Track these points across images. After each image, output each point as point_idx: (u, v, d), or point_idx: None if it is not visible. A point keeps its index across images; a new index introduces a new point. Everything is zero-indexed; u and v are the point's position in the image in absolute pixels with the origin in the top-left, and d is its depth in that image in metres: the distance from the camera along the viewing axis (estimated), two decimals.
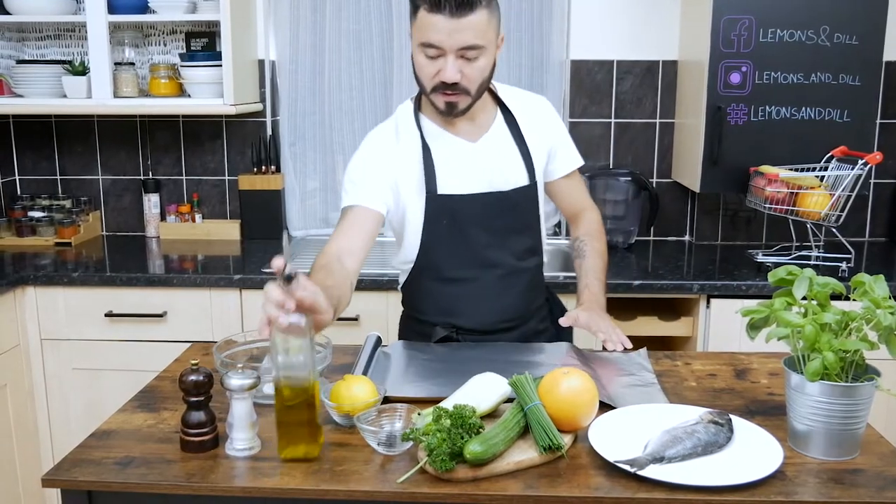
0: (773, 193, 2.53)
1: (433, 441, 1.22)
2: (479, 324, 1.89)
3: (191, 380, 1.34)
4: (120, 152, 3.23)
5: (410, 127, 1.85)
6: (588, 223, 2.03)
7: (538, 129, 1.91)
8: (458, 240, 1.85)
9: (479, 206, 1.84)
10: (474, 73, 1.71)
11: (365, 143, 1.89)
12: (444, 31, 1.65)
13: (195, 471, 1.29)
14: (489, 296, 1.88)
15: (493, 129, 1.87)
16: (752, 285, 2.47)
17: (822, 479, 1.23)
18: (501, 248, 1.87)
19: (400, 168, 1.83)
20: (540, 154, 1.91)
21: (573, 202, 2.04)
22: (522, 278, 1.91)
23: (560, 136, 1.96)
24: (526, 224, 1.90)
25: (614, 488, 1.21)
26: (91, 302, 2.65)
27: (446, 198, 1.83)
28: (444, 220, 1.84)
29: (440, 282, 1.89)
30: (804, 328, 1.25)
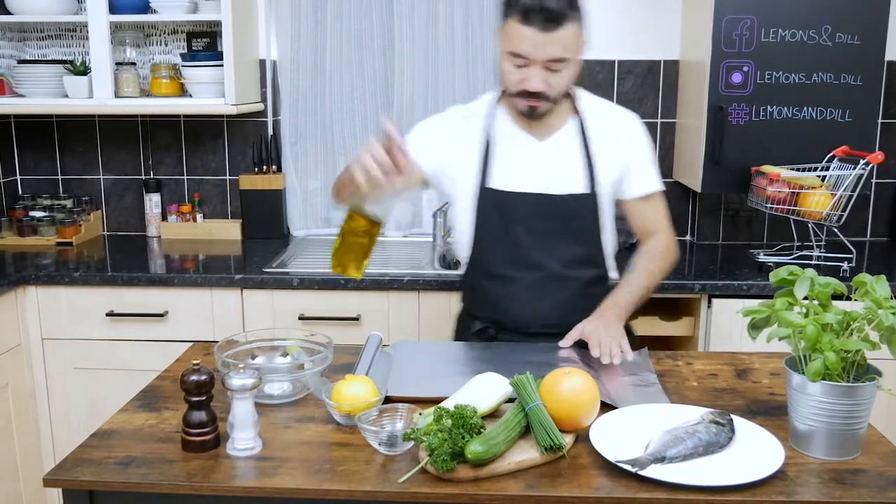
0: (774, 193, 2.53)
1: (434, 441, 1.22)
2: (518, 323, 1.91)
3: (192, 379, 1.34)
4: (121, 152, 3.23)
5: (480, 115, 1.91)
6: (653, 243, 1.98)
7: (614, 143, 1.89)
8: (504, 237, 1.89)
9: (527, 206, 1.86)
10: (559, 82, 1.76)
11: (437, 115, 1.99)
12: (534, 43, 1.69)
13: (196, 470, 1.29)
14: (530, 297, 1.89)
15: (562, 131, 1.89)
16: (753, 285, 2.47)
17: (824, 479, 1.23)
18: (545, 252, 1.88)
19: (458, 150, 1.90)
20: (609, 168, 1.89)
21: (644, 224, 2.00)
22: (569, 286, 1.89)
23: (639, 157, 1.93)
24: (578, 232, 1.88)
25: (616, 488, 1.21)
26: (92, 302, 2.65)
27: (495, 193, 1.87)
28: (492, 215, 1.88)
29: (486, 277, 1.93)
30: (805, 328, 1.25)
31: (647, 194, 1.95)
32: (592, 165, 1.87)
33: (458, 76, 3.03)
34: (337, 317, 2.60)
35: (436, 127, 1.96)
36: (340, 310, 2.60)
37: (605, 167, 1.88)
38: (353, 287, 2.57)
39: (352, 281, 2.57)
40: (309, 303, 2.61)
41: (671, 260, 2.00)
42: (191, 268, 2.78)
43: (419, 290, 2.57)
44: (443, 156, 1.91)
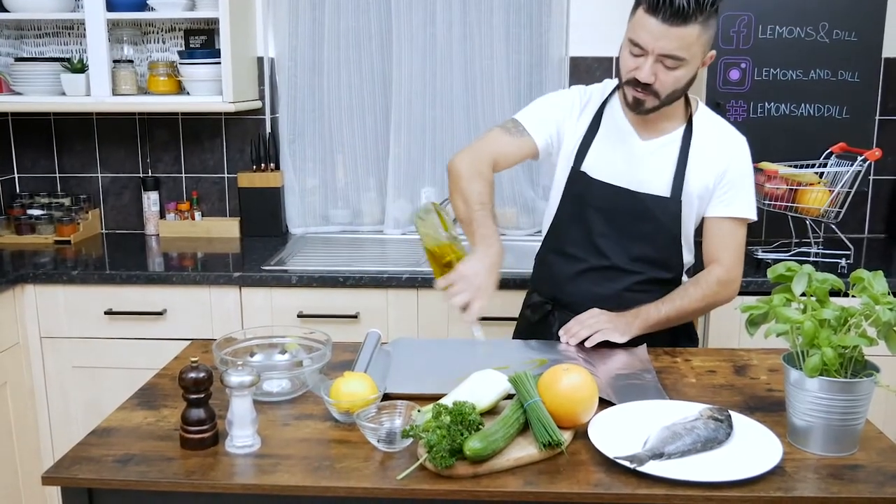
0: (772, 190, 2.53)
1: (433, 438, 1.23)
2: (574, 303, 1.92)
3: (190, 377, 1.34)
4: (119, 150, 3.23)
5: (597, 101, 1.94)
6: (708, 272, 1.91)
7: (712, 159, 1.87)
8: (580, 219, 1.92)
9: (607, 196, 1.88)
10: (669, 80, 1.75)
11: (561, 91, 2.05)
12: (653, 34, 1.70)
13: (195, 468, 1.29)
14: (590, 280, 1.92)
15: (667, 136, 1.89)
16: (751, 282, 2.47)
17: (822, 475, 1.24)
18: (615, 244, 1.90)
19: (571, 130, 1.93)
20: (700, 179, 1.87)
21: (710, 248, 1.92)
22: (629, 278, 1.91)
23: (733, 178, 1.88)
24: (652, 235, 1.89)
25: (614, 484, 1.21)
26: (91, 300, 2.65)
27: (583, 176, 1.90)
28: (574, 197, 1.92)
29: (555, 252, 1.98)
30: (803, 324, 1.25)
31: (727, 217, 1.89)
32: (684, 172, 1.86)
33: (456, 74, 3.02)
34: (336, 314, 2.60)
35: (556, 102, 1.98)
36: (339, 307, 2.60)
37: (695, 177, 1.86)
38: (351, 285, 2.57)
39: (350, 278, 2.57)
40: (307, 300, 2.61)
41: (721, 295, 1.91)
42: (189, 266, 2.78)
43: (418, 287, 2.57)
44: (556, 130, 1.94)
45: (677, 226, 1.88)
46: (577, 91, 2.00)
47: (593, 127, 1.92)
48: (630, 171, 1.88)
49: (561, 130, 1.94)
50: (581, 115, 1.94)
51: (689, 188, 1.87)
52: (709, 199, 1.90)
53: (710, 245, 1.92)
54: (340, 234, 3.20)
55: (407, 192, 3.13)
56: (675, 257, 1.93)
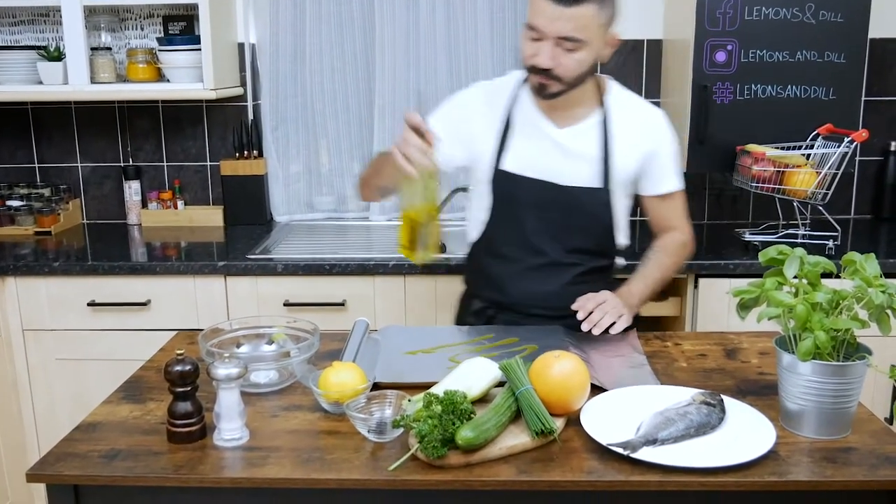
0: (759, 172, 2.52)
1: (424, 428, 1.21)
2: (516, 303, 1.91)
3: (176, 370, 1.32)
4: (99, 139, 3.18)
5: (505, 94, 1.90)
6: (668, 239, 2.00)
7: (636, 139, 1.87)
8: (511, 219, 1.89)
9: (536, 193, 1.86)
10: (570, 63, 1.73)
11: (462, 91, 1.99)
12: (547, 16, 1.68)
13: (183, 462, 1.27)
14: (530, 279, 1.89)
15: (584, 123, 1.86)
16: (739, 264, 2.47)
17: (815, 459, 1.23)
18: (551, 239, 1.88)
19: (479, 128, 1.90)
20: (627, 163, 1.87)
21: (661, 221, 2.01)
22: (568, 272, 1.89)
23: (661, 155, 1.91)
24: (586, 226, 1.88)
25: (608, 472, 1.21)
26: (73, 291, 2.61)
27: (507, 175, 1.87)
28: (502, 197, 1.89)
29: (490, 256, 1.94)
30: (795, 308, 1.24)
31: (667, 193, 1.95)
32: (609, 160, 1.85)
33: (440, 58, 2.99)
34: (322, 302, 2.58)
35: (460, 105, 1.95)
36: (326, 295, 2.58)
37: (622, 163, 1.86)
38: (338, 272, 2.55)
39: (336, 266, 2.55)
40: (294, 289, 2.58)
41: (685, 256, 2.03)
42: (173, 255, 2.74)
43: (405, 274, 2.55)
44: (467, 133, 1.91)
45: (609, 214, 1.89)
46: (479, 88, 1.96)
47: (506, 122, 1.88)
48: (553, 163, 1.85)
49: (463, 133, 1.90)
50: (489, 111, 1.90)
51: (616, 175, 1.86)
52: (641, 180, 1.91)
53: (660, 219, 2.00)
54: (325, 222, 3.18)
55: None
56: (609, 244, 1.94)
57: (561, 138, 1.85)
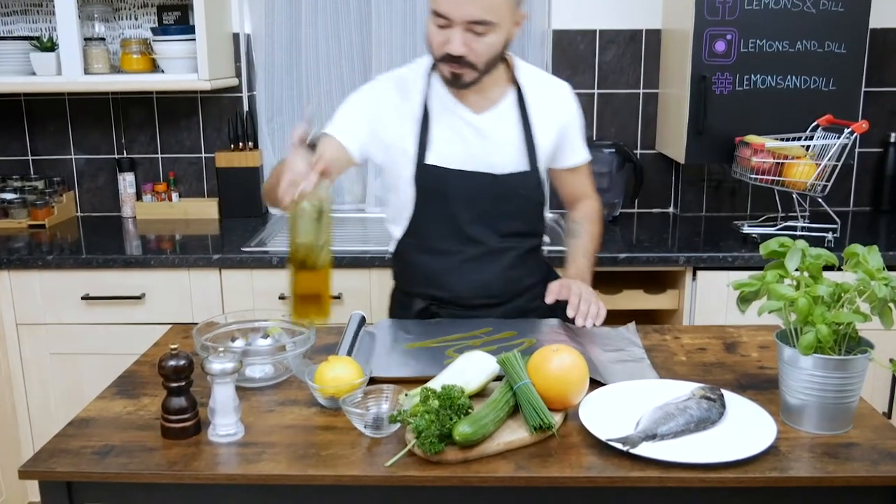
0: (758, 163, 2.51)
1: (421, 423, 1.19)
2: (459, 297, 1.87)
3: (170, 365, 1.30)
4: (93, 131, 3.15)
5: (418, 85, 1.83)
6: (586, 208, 2.02)
7: (550, 115, 1.86)
8: (442, 213, 1.83)
9: (468, 184, 1.81)
10: (481, 48, 1.67)
11: (369, 84, 1.89)
12: (453, 1, 1.62)
13: (177, 458, 1.25)
14: (469, 270, 1.85)
15: (501, 105, 1.83)
16: (738, 257, 2.45)
17: (817, 454, 1.22)
18: (485, 227, 1.84)
19: (393, 122, 1.82)
20: (547, 141, 1.86)
21: (574, 192, 2.03)
22: (506, 256, 1.87)
23: (572, 128, 1.91)
24: (519, 210, 1.86)
25: (607, 467, 1.19)
26: (67, 285, 2.59)
27: (433, 169, 1.81)
28: (429, 191, 1.82)
29: (423, 252, 1.88)
30: (797, 301, 1.22)
31: (579, 164, 1.97)
32: (533, 141, 1.83)
33: None
34: None
35: (367, 100, 1.85)
36: None
37: (543, 141, 1.86)
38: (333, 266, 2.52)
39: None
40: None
41: (602, 224, 2.05)
42: (168, 248, 2.72)
43: None
44: (376, 130, 1.81)
45: (540, 195, 1.88)
46: (388, 80, 1.87)
47: (423, 114, 1.81)
48: (478, 151, 1.82)
49: (376, 129, 1.82)
50: (403, 104, 1.82)
51: (540, 153, 1.85)
52: (556, 154, 1.91)
53: (574, 190, 2.02)
54: None
55: None
56: (540, 224, 1.94)
57: (481, 124, 1.81)
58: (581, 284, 1.83)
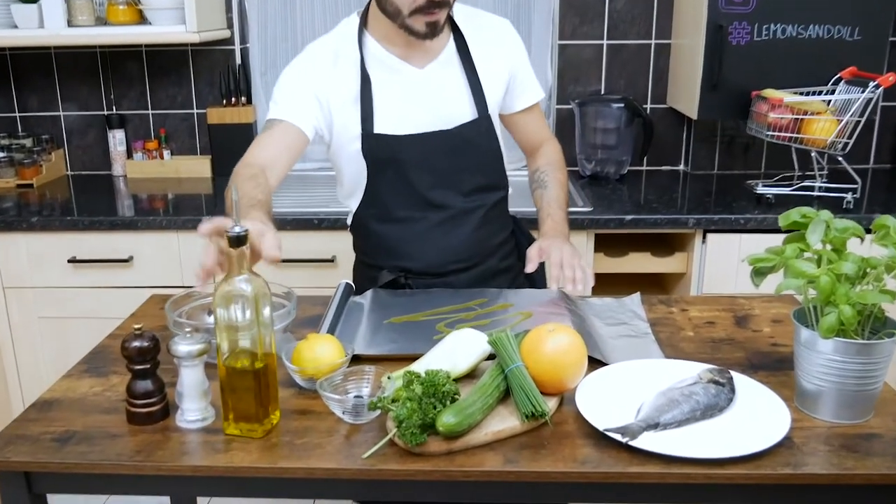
0: (776, 120, 2.36)
1: (402, 412, 1.10)
2: (428, 265, 1.76)
3: (134, 346, 1.21)
4: (81, 86, 3.03)
5: (351, 50, 1.68)
6: (549, 154, 1.90)
7: (495, 57, 1.74)
8: (400, 180, 1.71)
9: (421, 148, 1.69)
10: None
11: (300, 57, 1.72)
12: None
13: (141, 447, 1.16)
14: (436, 236, 1.74)
15: (443, 55, 1.70)
16: (751, 219, 2.33)
17: (834, 447, 1.11)
18: (447, 189, 1.72)
19: (334, 94, 1.67)
20: (495, 84, 1.75)
21: (531, 136, 1.90)
22: (473, 216, 1.75)
23: (520, 66, 1.79)
24: (477, 162, 1.74)
25: (603, 460, 1.09)
26: (53, 248, 2.50)
27: (384, 138, 1.67)
28: (382, 161, 1.69)
29: (385, 222, 1.76)
30: (819, 279, 1.11)
31: (532, 104, 1.85)
32: (479, 87, 1.71)
33: None
34: (311, 259, 2.46)
35: (307, 75, 1.69)
36: (314, 251, 2.46)
37: (491, 86, 1.73)
38: (326, 227, 2.43)
39: (325, 220, 2.42)
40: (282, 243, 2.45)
41: (565, 168, 1.91)
42: (155, 210, 2.62)
43: None
44: (320, 105, 1.67)
45: (495, 142, 1.77)
46: (318, 50, 1.71)
47: (363, 80, 1.66)
48: (426, 110, 1.68)
49: (321, 103, 1.67)
50: (339, 73, 1.67)
51: (489, 99, 1.73)
52: (508, 97, 1.80)
53: (531, 134, 1.90)
54: (317, 172, 3.04)
55: None
56: (501, 174, 1.81)
57: (425, 79, 1.68)
58: (561, 244, 1.69)
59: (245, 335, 1.15)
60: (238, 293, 1.13)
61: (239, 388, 1.16)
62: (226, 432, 1.19)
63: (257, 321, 1.14)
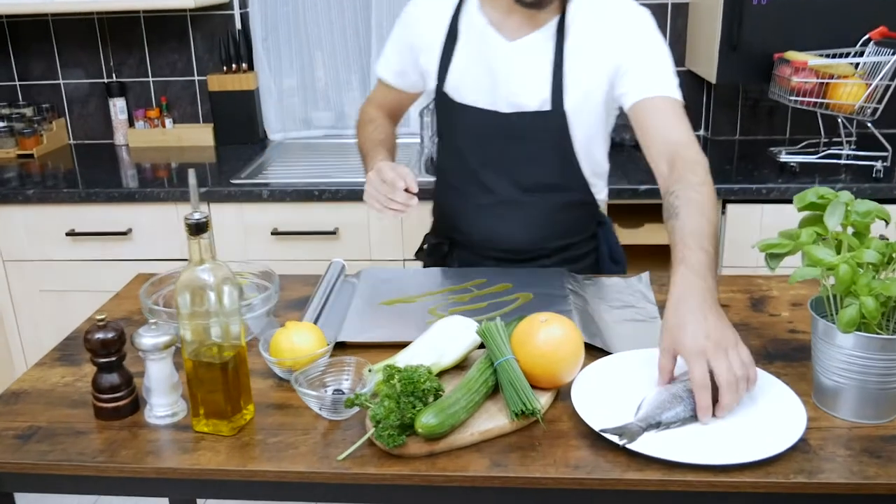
0: (800, 84, 2.22)
1: (379, 411, 1.01)
2: (471, 243, 1.68)
3: (97, 339, 1.13)
4: (80, 54, 2.94)
5: (449, 4, 1.62)
6: (681, 169, 1.36)
7: (602, 46, 1.51)
8: (454, 148, 1.66)
9: (474, 122, 1.59)
10: None
11: (406, 9, 1.71)
12: None
13: (105, 445, 1.09)
14: (483, 218, 1.65)
15: (540, 32, 1.54)
16: (773, 188, 2.20)
17: (854, 452, 1.01)
18: (499, 174, 1.61)
19: (426, 42, 1.65)
20: (590, 77, 1.52)
21: (653, 140, 1.45)
22: (529, 212, 1.62)
23: (634, 58, 1.49)
24: (537, 156, 1.58)
25: (599, 465, 1.00)
26: (51, 220, 2.45)
27: (448, 99, 1.62)
28: (445, 124, 1.67)
29: (444, 187, 1.72)
30: (838, 268, 1.00)
31: (645, 99, 1.47)
32: (562, 76, 1.52)
33: None
34: (313, 231, 2.38)
35: (408, 23, 1.69)
36: (316, 223, 2.38)
37: (580, 77, 1.52)
38: (328, 198, 2.34)
39: (326, 192, 2.33)
40: (282, 216, 2.38)
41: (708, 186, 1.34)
42: (154, 181, 2.54)
43: None
44: (417, 60, 1.67)
45: (567, 141, 1.56)
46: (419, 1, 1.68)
47: (451, 36, 1.60)
48: (497, 85, 1.56)
49: (417, 59, 1.67)
50: (435, 22, 1.62)
51: (571, 92, 1.52)
52: (614, 90, 1.52)
53: (650, 139, 1.45)
54: (324, 140, 2.95)
55: None
56: (575, 173, 1.60)
57: (508, 54, 1.54)
58: (703, 325, 1.07)
59: (210, 325, 1.07)
60: (199, 283, 1.05)
61: (206, 383, 1.08)
62: (195, 429, 1.11)
63: (221, 311, 1.06)
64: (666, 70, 1.50)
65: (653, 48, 1.51)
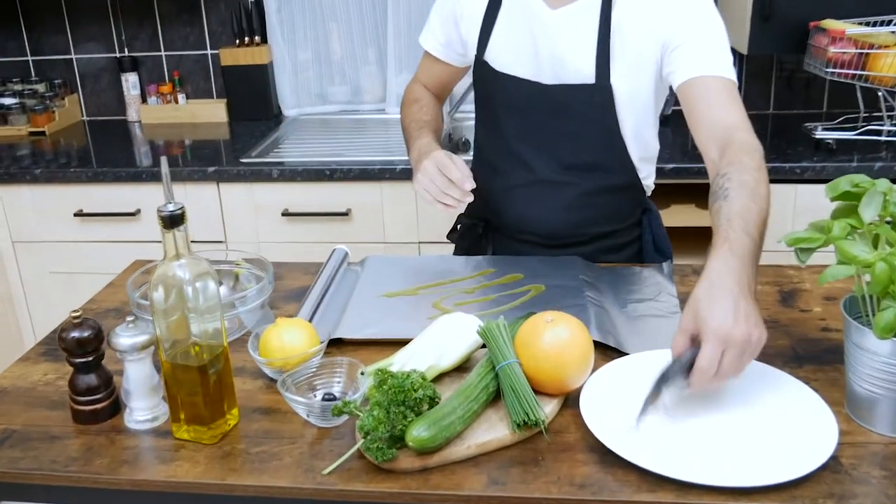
0: (837, 55, 2.09)
1: (368, 422, 0.93)
2: (506, 225, 1.60)
3: (72, 337, 1.06)
4: (92, 27, 2.88)
5: None
6: (736, 151, 1.27)
7: (651, 18, 1.40)
8: (493, 122, 1.57)
9: (515, 93, 1.50)
10: None
11: None
12: None
13: (80, 453, 1.02)
14: (521, 198, 1.56)
15: (584, 0, 1.42)
16: (808, 167, 2.08)
17: (891, 472, 0.91)
18: (539, 151, 1.52)
19: (465, 16, 1.57)
20: (638, 51, 1.41)
21: (703, 122, 1.35)
22: (569, 193, 1.52)
23: (689, 31, 1.37)
24: (578, 132, 1.48)
25: (607, 485, 0.91)
26: (59, 201, 2.41)
27: (488, 68, 1.54)
28: (484, 95, 1.59)
29: (483, 165, 1.63)
30: (874, 266, 0.89)
31: (694, 78, 1.36)
32: (608, 48, 1.41)
33: None
34: (324, 212, 2.30)
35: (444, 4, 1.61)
36: (328, 204, 2.30)
37: (627, 50, 1.41)
38: (339, 178, 2.26)
39: (338, 171, 2.25)
40: (293, 196, 2.31)
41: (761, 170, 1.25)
42: (177, 154, 2.47)
43: None
44: (459, 30, 1.59)
45: (612, 118, 1.45)
46: None
47: (493, 3, 1.52)
48: (539, 55, 1.45)
49: (459, 29, 1.59)
50: None
51: (620, 66, 1.42)
52: (664, 68, 1.41)
53: (699, 120, 1.36)
54: (340, 115, 2.86)
55: (410, 64, 2.74)
56: (620, 154, 1.50)
57: (552, 22, 1.44)
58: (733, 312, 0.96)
59: (188, 323, 0.99)
60: (173, 281, 0.97)
61: (185, 386, 1.01)
62: (175, 436, 1.04)
63: (197, 308, 0.98)
64: (720, 47, 1.38)
65: (707, 23, 1.39)
